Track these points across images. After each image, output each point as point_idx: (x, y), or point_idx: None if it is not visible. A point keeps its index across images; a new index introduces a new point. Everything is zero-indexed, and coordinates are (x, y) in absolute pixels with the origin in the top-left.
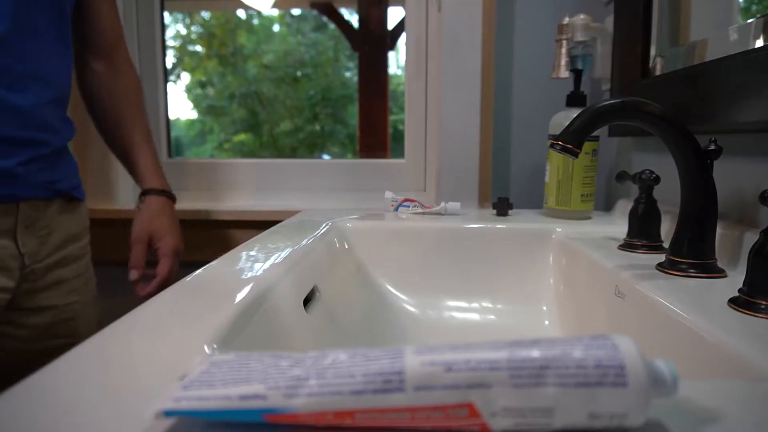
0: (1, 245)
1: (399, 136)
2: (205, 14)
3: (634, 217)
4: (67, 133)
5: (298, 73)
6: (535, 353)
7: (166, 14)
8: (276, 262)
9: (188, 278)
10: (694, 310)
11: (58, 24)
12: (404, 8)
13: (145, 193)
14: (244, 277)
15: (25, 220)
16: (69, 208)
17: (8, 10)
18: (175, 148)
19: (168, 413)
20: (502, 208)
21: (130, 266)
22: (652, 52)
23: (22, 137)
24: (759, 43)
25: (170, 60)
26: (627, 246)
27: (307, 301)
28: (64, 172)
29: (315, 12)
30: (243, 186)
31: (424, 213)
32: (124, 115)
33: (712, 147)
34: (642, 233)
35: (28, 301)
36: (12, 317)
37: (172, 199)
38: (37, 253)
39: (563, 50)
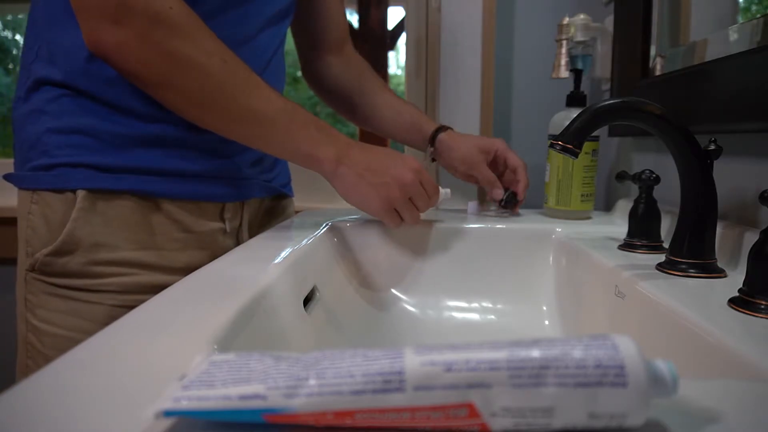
0: (227, 247)
1: None
2: None
3: (634, 217)
4: None
5: (298, 73)
6: (535, 353)
7: None
8: (276, 262)
9: (188, 278)
10: (694, 310)
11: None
12: (404, 8)
13: (438, 130)
14: (244, 277)
15: (247, 220)
16: (277, 205)
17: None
18: None
19: (168, 413)
20: (510, 201)
21: (494, 185)
22: (652, 52)
23: None
24: (759, 43)
25: None
26: (627, 246)
27: (307, 301)
28: (278, 170)
29: None
30: None
31: None
32: (371, 84)
33: (712, 147)
34: (642, 233)
35: None
36: None
37: None
38: None
39: (563, 50)
